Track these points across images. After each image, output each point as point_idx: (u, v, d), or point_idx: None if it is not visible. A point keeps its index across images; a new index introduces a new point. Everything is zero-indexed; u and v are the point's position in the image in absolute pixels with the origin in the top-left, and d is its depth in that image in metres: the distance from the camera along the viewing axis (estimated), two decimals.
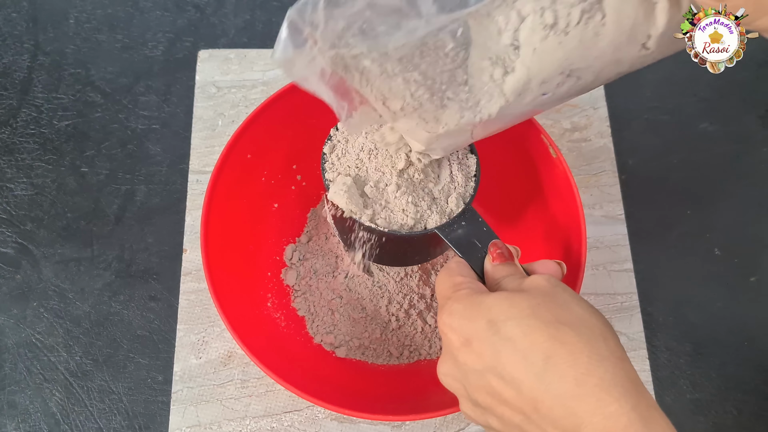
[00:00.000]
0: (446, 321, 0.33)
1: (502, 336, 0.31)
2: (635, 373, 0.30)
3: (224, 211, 0.49)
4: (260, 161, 0.52)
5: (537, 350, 0.30)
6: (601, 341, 0.30)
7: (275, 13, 0.67)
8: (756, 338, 0.56)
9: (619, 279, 0.57)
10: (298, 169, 0.56)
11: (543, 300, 0.32)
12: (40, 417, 0.51)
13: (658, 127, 0.64)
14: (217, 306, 0.44)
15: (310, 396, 0.41)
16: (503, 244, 0.39)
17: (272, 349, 0.47)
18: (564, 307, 0.31)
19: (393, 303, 0.53)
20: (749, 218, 0.61)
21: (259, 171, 0.53)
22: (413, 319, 0.53)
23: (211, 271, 0.45)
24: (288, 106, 0.51)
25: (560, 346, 0.29)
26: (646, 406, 0.28)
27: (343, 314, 0.53)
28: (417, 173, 0.41)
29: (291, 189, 0.56)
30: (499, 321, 0.31)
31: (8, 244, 0.57)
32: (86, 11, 0.67)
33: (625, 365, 0.29)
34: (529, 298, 0.32)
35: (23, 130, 0.61)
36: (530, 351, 0.30)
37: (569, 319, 0.31)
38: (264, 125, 0.50)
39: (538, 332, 0.30)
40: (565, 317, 0.31)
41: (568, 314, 0.31)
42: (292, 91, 0.50)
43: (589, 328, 0.30)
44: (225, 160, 0.48)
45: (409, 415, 0.42)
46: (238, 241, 0.51)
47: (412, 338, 0.52)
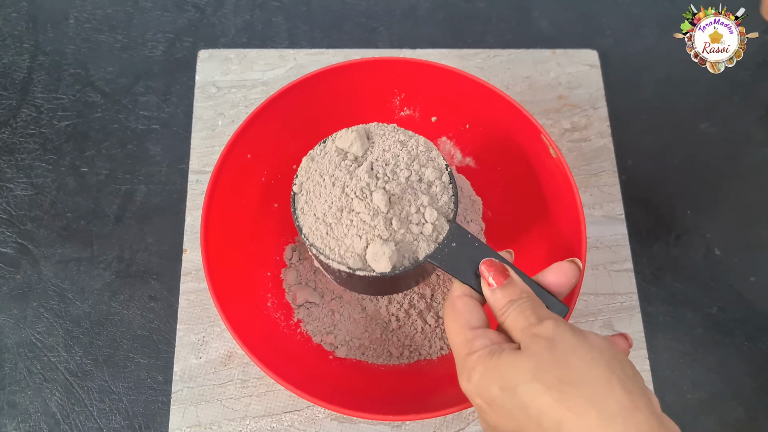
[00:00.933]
0: (467, 387, 0.34)
1: (516, 403, 0.31)
2: (652, 418, 0.28)
3: (224, 210, 0.49)
4: (260, 161, 0.52)
5: (547, 417, 0.29)
6: (608, 394, 0.29)
7: (275, 13, 0.67)
8: (756, 338, 0.56)
9: (619, 279, 0.57)
10: (298, 168, 0.56)
11: (543, 359, 0.31)
12: (40, 417, 0.51)
13: (658, 127, 0.64)
14: (217, 305, 0.44)
15: (309, 396, 0.41)
16: (492, 261, 0.37)
17: (272, 348, 0.47)
18: (564, 364, 0.30)
19: (393, 303, 0.53)
20: (749, 218, 0.61)
21: (259, 171, 0.53)
22: (413, 319, 0.53)
23: (211, 271, 0.45)
24: (288, 105, 0.51)
25: (566, 410, 0.29)
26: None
27: (343, 314, 0.53)
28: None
29: (291, 189, 0.56)
30: (509, 388, 0.31)
31: (8, 244, 0.57)
32: (86, 11, 0.67)
33: (636, 416, 0.28)
34: (530, 359, 0.31)
35: (23, 130, 0.61)
36: (542, 418, 0.29)
37: (571, 377, 0.30)
38: (264, 125, 0.50)
39: (544, 397, 0.29)
40: (566, 376, 0.30)
41: (569, 371, 0.30)
42: (292, 91, 0.50)
43: (593, 382, 0.29)
44: (225, 159, 0.48)
45: (409, 415, 0.42)
46: (238, 240, 0.51)
47: (413, 338, 0.52)
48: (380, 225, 0.38)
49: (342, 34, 0.67)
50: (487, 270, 0.37)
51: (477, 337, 0.34)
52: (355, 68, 0.52)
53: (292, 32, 0.67)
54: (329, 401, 0.41)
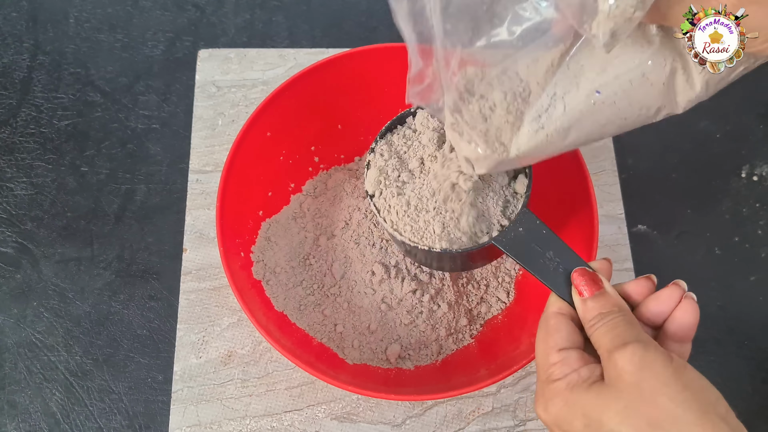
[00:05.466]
0: (543, 416, 0.33)
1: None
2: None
3: (241, 183, 0.50)
4: (280, 140, 0.53)
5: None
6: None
7: (275, 12, 0.67)
8: (756, 338, 0.56)
9: (619, 278, 0.57)
10: (316, 150, 0.57)
11: (631, 399, 0.29)
12: (40, 416, 0.51)
13: (658, 126, 0.64)
14: (231, 283, 0.45)
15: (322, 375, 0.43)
16: (585, 270, 0.35)
17: (283, 333, 0.48)
18: (652, 404, 0.29)
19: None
20: (749, 218, 0.61)
21: (277, 149, 0.54)
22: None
23: (224, 242, 0.46)
24: (312, 85, 0.52)
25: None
26: None
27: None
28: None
29: (308, 170, 0.57)
30: (593, 425, 0.30)
31: (8, 244, 0.57)
32: (86, 11, 0.67)
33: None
34: (618, 399, 0.30)
35: (23, 130, 0.61)
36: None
37: (660, 418, 0.28)
38: (286, 104, 0.51)
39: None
40: (655, 417, 0.28)
41: (657, 412, 0.28)
42: (316, 71, 0.51)
43: (684, 427, 0.28)
44: (245, 134, 0.49)
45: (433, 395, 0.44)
46: (252, 210, 0.52)
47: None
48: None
49: (342, 33, 0.67)
50: (580, 278, 0.35)
51: (559, 363, 0.33)
52: (376, 53, 0.52)
53: (292, 31, 0.67)
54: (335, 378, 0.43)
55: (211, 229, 0.57)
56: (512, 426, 0.52)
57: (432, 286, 0.53)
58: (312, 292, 0.53)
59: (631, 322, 0.33)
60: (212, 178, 0.59)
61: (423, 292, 0.52)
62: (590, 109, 0.33)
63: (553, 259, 0.37)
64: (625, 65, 0.32)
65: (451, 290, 0.53)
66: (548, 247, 0.37)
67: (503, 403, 0.52)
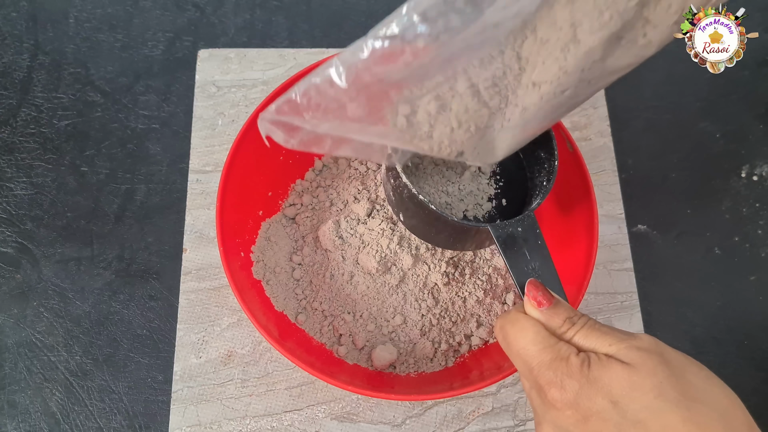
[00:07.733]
0: (557, 397, 0.31)
1: (629, 419, 0.29)
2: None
3: (241, 183, 0.50)
4: None
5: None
6: (731, 411, 0.29)
7: (275, 12, 0.67)
8: (756, 337, 0.56)
9: (619, 278, 0.57)
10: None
11: (664, 376, 0.30)
12: (40, 416, 0.51)
13: (658, 126, 0.64)
14: (229, 278, 0.45)
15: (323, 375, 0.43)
16: (538, 284, 0.36)
17: (284, 334, 0.48)
18: (684, 381, 0.29)
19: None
20: (749, 218, 0.61)
21: (278, 149, 0.54)
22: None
23: (224, 241, 0.46)
24: None
25: (695, 427, 0.28)
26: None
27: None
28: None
29: (308, 170, 0.57)
30: (622, 402, 0.29)
31: (8, 244, 0.57)
32: (86, 10, 0.67)
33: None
34: (651, 376, 0.30)
35: (23, 130, 0.61)
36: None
37: (695, 393, 0.29)
38: None
39: (670, 415, 0.28)
40: (690, 392, 0.29)
41: (690, 388, 0.29)
42: None
43: (716, 400, 0.29)
44: (245, 134, 0.49)
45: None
46: (251, 210, 0.53)
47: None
48: None
49: (342, 34, 0.67)
50: (536, 290, 0.35)
51: (559, 343, 0.33)
52: None
53: (292, 31, 0.67)
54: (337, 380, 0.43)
55: (211, 229, 0.57)
56: (512, 426, 0.52)
57: (435, 290, 0.53)
58: (312, 291, 0.53)
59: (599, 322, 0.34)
60: (212, 178, 0.59)
61: (425, 296, 0.52)
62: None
63: (535, 270, 0.37)
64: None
65: (453, 293, 0.53)
66: (536, 259, 0.37)
67: (503, 403, 0.52)
